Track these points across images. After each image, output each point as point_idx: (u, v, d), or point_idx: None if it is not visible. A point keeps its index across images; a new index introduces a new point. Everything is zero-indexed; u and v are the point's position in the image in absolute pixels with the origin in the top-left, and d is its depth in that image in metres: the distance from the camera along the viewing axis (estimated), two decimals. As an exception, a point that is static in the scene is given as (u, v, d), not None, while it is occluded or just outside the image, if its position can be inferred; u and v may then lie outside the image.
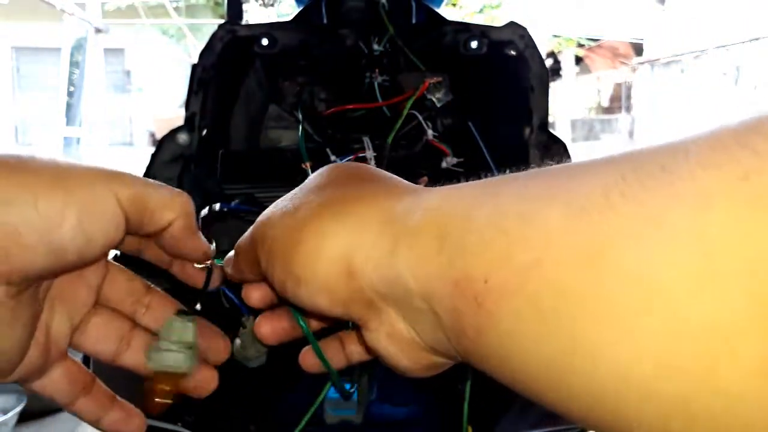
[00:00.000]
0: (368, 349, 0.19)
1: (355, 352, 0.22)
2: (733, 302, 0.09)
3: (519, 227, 0.13)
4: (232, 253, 0.22)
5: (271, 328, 0.22)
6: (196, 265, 0.23)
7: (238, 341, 0.33)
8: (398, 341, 0.17)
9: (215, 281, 0.23)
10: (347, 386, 0.46)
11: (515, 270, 0.12)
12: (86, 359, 0.46)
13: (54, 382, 0.21)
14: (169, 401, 0.21)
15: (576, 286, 0.11)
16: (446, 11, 0.65)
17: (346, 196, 0.17)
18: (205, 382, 0.23)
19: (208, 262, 0.23)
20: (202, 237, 0.22)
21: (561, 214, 0.12)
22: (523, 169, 0.15)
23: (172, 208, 0.20)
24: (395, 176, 0.19)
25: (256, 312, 0.23)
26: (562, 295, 0.11)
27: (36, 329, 0.19)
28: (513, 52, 0.52)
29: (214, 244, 0.23)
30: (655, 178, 0.11)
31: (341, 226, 0.17)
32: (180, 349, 0.22)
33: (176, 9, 5.66)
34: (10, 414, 1.29)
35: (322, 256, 0.17)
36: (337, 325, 0.22)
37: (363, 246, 0.16)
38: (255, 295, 0.22)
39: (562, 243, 0.12)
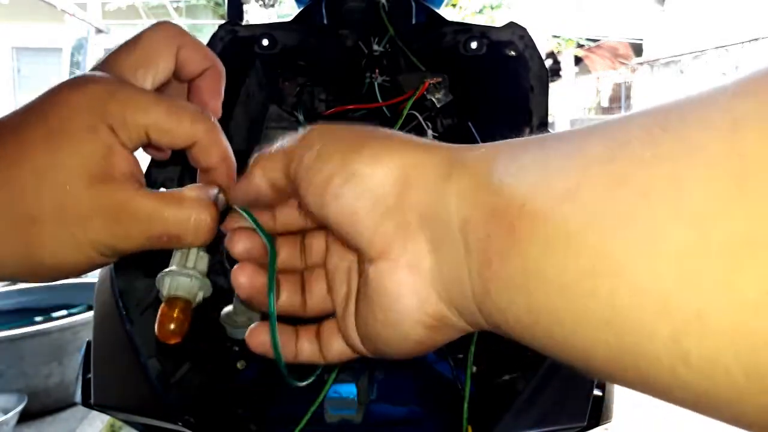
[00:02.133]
0: (362, 290, 0.18)
1: (306, 350, 0.21)
2: (759, 217, 0.10)
3: (561, 159, 0.14)
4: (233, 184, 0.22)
5: (249, 281, 0.20)
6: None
7: (229, 308, 0.32)
8: (415, 275, 0.16)
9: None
10: (347, 387, 0.46)
11: (552, 196, 0.13)
12: (87, 354, 0.46)
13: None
14: (180, 330, 0.21)
15: (607, 208, 0.12)
16: (446, 12, 0.65)
17: (405, 136, 0.19)
18: None
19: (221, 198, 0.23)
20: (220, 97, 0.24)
21: (603, 146, 0.13)
22: None
23: (203, 59, 0.23)
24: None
25: None
26: (593, 217, 0.12)
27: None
28: (513, 53, 0.52)
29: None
30: (694, 109, 0.11)
31: (404, 147, 0.17)
32: (195, 276, 0.21)
33: (177, 10, 5.67)
34: (10, 414, 1.29)
35: (383, 162, 0.17)
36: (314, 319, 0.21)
37: (420, 167, 0.17)
38: (240, 245, 0.21)
39: (600, 170, 0.12)
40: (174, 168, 0.50)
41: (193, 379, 0.48)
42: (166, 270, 0.22)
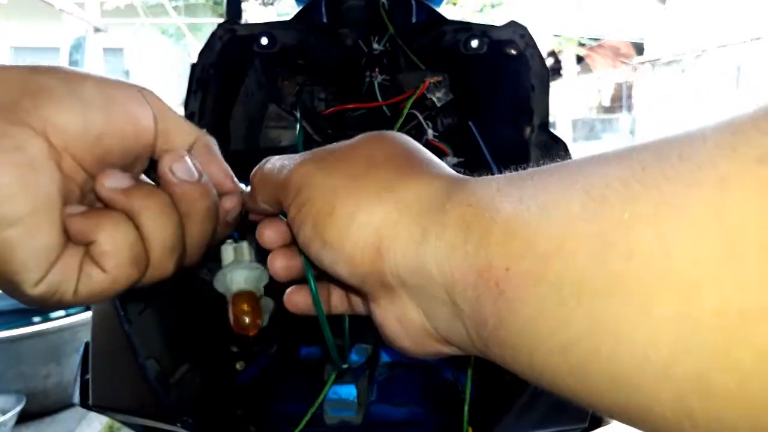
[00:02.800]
0: (369, 315, 0.19)
1: (339, 306, 0.23)
2: (750, 286, 0.10)
3: (540, 218, 0.13)
4: (245, 187, 0.22)
5: (285, 264, 0.22)
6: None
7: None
8: (406, 325, 0.17)
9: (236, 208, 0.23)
10: (347, 388, 0.46)
11: (536, 258, 0.13)
12: (85, 354, 0.46)
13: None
14: (255, 322, 0.21)
15: (595, 272, 0.12)
16: (446, 10, 0.65)
17: (389, 172, 0.18)
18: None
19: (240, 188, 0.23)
20: (225, 163, 0.22)
21: (581, 203, 0.12)
22: (525, 169, 0.16)
23: (189, 132, 0.21)
24: (434, 157, 0.19)
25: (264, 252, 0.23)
26: (582, 282, 0.12)
27: (65, 239, 0.18)
28: (513, 52, 0.52)
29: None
30: (673, 165, 0.11)
31: (378, 204, 0.17)
32: (248, 266, 0.22)
33: (175, 8, 5.66)
34: (9, 414, 1.29)
35: (354, 229, 0.17)
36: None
37: (395, 229, 0.16)
38: (269, 233, 0.22)
39: (581, 231, 0.12)
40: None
41: (193, 379, 0.48)
42: (224, 267, 0.22)
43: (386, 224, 0.16)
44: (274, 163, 0.21)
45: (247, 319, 0.21)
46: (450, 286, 0.15)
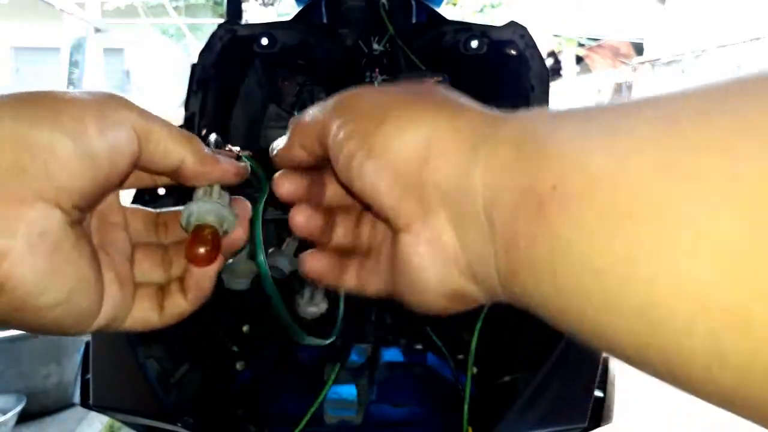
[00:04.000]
0: (394, 260, 0.18)
1: (350, 283, 0.22)
2: None
3: (599, 138, 0.13)
4: (279, 141, 0.22)
5: (305, 218, 0.21)
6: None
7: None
8: (437, 251, 0.16)
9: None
10: (347, 388, 0.46)
11: (590, 176, 0.12)
12: (86, 354, 0.46)
13: (145, 310, 0.21)
14: (210, 255, 0.21)
15: (652, 191, 0.11)
16: (446, 11, 0.65)
17: (442, 98, 0.18)
18: (237, 236, 0.22)
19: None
20: (224, 158, 0.21)
21: (651, 125, 0.12)
22: None
23: (179, 141, 0.20)
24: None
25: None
26: (635, 202, 0.11)
27: (101, 272, 0.20)
28: (513, 52, 0.52)
29: (237, 149, 0.23)
30: (756, 91, 0.11)
31: (432, 116, 0.17)
32: (222, 205, 0.21)
33: (176, 8, 5.66)
34: (9, 414, 1.29)
35: (404, 135, 0.16)
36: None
37: (445, 141, 0.16)
38: (287, 185, 0.21)
39: (646, 152, 0.11)
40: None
41: (192, 379, 0.48)
42: (191, 201, 0.21)
43: (437, 135, 0.16)
44: (315, 108, 0.20)
45: (201, 249, 0.20)
46: (491, 204, 0.15)
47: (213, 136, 0.32)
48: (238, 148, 0.24)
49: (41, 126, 0.17)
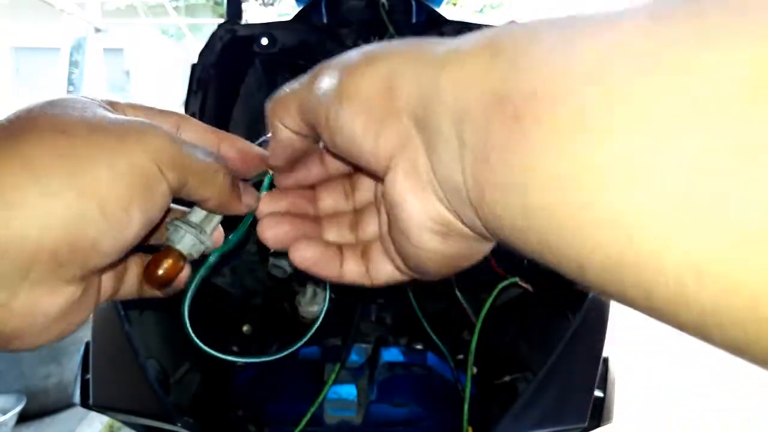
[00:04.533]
0: (385, 202, 0.17)
1: (353, 271, 0.21)
2: None
3: (588, 39, 0.11)
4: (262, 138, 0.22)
5: (273, 232, 0.21)
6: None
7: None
8: (413, 179, 0.16)
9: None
10: (347, 388, 0.46)
11: (570, 79, 0.11)
12: (86, 354, 0.46)
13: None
14: (165, 280, 0.21)
15: (635, 89, 0.10)
16: (446, 11, 0.65)
17: (410, 40, 0.17)
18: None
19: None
20: (245, 198, 0.21)
21: (637, 22, 0.11)
22: None
23: (208, 186, 0.20)
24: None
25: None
26: (614, 102, 0.10)
27: (101, 282, 0.20)
28: (513, 52, 0.52)
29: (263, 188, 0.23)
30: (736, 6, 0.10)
31: (397, 50, 0.16)
32: (200, 236, 0.21)
33: (176, 9, 5.66)
34: (9, 414, 1.29)
35: (368, 74, 0.16)
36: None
37: (413, 64, 0.15)
38: (267, 205, 0.22)
39: (633, 48, 0.10)
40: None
41: (193, 379, 0.48)
42: (185, 221, 0.22)
43: (404, 62, 0.15)
44: (287, 85, 0.20)
45: (160, 272, 0.21)
46: (460, 118, 0.13)
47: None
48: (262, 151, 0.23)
49: (88, 222, 0.16)
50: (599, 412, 0.42)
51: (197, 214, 0.22)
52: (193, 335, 0.24)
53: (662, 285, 0.10)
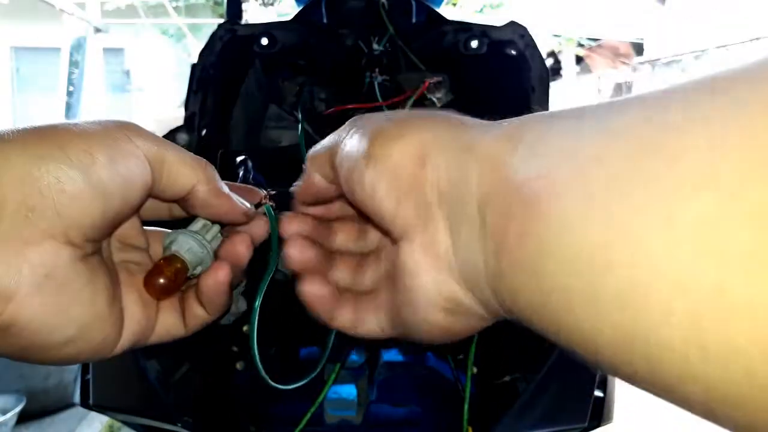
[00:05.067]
0: (396, 266, 0.18)
1: (344, 319, 0.21)
2: None
3: (590, 129, 0.13)
4: (296, 184, 0.22)
5: (299, 251, 0.21)
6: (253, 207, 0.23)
7: None
8: (430, 256, 0.16)
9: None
10: (347, 387, 0.46)
11: (576, 165, 0.12)
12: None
13: (168, 325, 0.21)
14: (167, 289, 0.20)
15: (634, 174, 0.11)
16: (446, 11, 0.65)
17: (440, 113, 0.18)
18: (214, 279, 0.21)
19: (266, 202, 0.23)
20: (234, 197, 0.21)
21: (635, 114, 0.12)
22: None
23: (192, 167, 0.20)
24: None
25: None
26: (616, 185, 0.11)
27: (121, 294, 0.20)
28: (513, 52, 0.52)
29: (265, 192, 0.23)
30: (725, 89, 0.11)
31: (429, 124, 0.17)
32: (198, 239, 0.21)
33: (176, 9, 5.66)
34: (9, 414, 1.29)
35: (401, 141, 0.17)
36: None
37: (442, 141, 0.16)
38: (293, 225, 0.22)
39: (631, 136, 0.11)
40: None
41: (193, 379, 0.48)
42: (183, 229, 0.21)
43: (434, 137, 0.17)
44: (328, 138, 0.21)
45: (161, 280, 0.20)
46: (484, 200, 0.15)
47: (241, 158, 0.32)
48: (266, 192, 0.23)
49: (48, 162, 0.16)
50: (599, 412, 0.42)
51: (195, 225, 0.22)
52: (263, 372, 0.24)
53: (667, 362, 0.10)
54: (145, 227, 0.22)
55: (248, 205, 0.22)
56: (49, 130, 0.17)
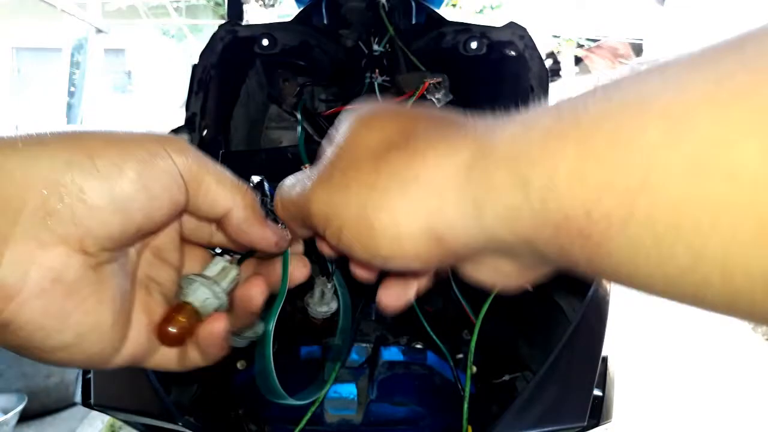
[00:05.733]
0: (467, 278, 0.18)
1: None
2: None
3: (615, 151, 0.12)
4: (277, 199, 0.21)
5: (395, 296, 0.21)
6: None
7: None
8: (504, 273, 0.17)
9: (298, 276, 0.23)
10: (347, 387, 0.46)
11: (620, 197, 0.11)
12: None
13: (166, 358, 0.21)
14: (179, 337, 0.20)
15: (692, 202, 0.10)
16: (446, 12, 0.65)
17: (400, 156, 0.16)
18: (214, 331, 0.21)
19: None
20: (271, 225, 0.21)
21: (660, 128, 0.11)
22: None
23: (231, 191, 0.19)
24: (433, 114, 0.17)
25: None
26: (679, 211, 0.11)
27: (131, 310, 0.19)
28: (513, 53, 0.52)
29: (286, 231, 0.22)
30: (756, 71, 0.10)
31: (412, 197, 0.15)
32: (214, 289, 0.21)
33: (177, 9, 5.66)
34: (10, 414, 1.29)
35: (404, 235, 0.16)
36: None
37: (443, 214, 0.15)
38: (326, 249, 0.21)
39: (668, 158, 0.11)
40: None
41: (193, 378, 0.48)
42: (198, 274, 0.21)
43: (431, 214, 0.15)
44: (288, 192, 0.20)
45: (173, 329, 0.19)
46: (529, 243, 0.14)
47: (257, 180, 0.31)
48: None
49: (74, 170, 0.16)
50: (598, 411, 0.42)
51: (213, 269, 0.21)
52: (280, 389, 0.25)
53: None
54: (186, 242, 0.22)
55: (280, 234, 0.22)
56: (85, 136, 0.17)
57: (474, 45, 0.54)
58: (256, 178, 0.38)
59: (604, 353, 0.43)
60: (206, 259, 0.23)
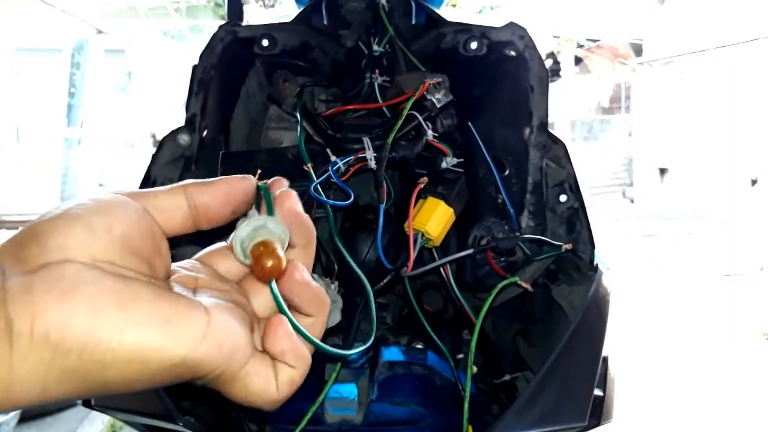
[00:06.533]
0: None
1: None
2: None
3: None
4: None
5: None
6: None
7: None
8: None
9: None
10: (348, 387, 0.46)
11: None
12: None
13: None
14: (278, 268, 0.20)
15: None
16: (446, 12, 0.65)
17: None
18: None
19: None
20: (226, 177, 0.23)
21: None
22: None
23: (171, 192, 0.21)
24: None
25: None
26: None
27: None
28: (513, 53, 0.52)
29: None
30: None
31: None
32: (270, 221, 0.21)
33: (177, 10, 5.67)
34: (10, 414, 1.29)
35: None
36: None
37: None
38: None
39: None
40: (174, 168, 0.50)
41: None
42: (245, 223, 0.21)
43: None
44: None
45: (269, 262, 0.20)
46: None
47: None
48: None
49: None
50: (599, 411, 0.42)
51: (240, 222, 0.22)
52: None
53: None
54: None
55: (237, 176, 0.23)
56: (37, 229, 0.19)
57: (474, 45, 0.54)
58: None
59: (604, 353, 0.43)
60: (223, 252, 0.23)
